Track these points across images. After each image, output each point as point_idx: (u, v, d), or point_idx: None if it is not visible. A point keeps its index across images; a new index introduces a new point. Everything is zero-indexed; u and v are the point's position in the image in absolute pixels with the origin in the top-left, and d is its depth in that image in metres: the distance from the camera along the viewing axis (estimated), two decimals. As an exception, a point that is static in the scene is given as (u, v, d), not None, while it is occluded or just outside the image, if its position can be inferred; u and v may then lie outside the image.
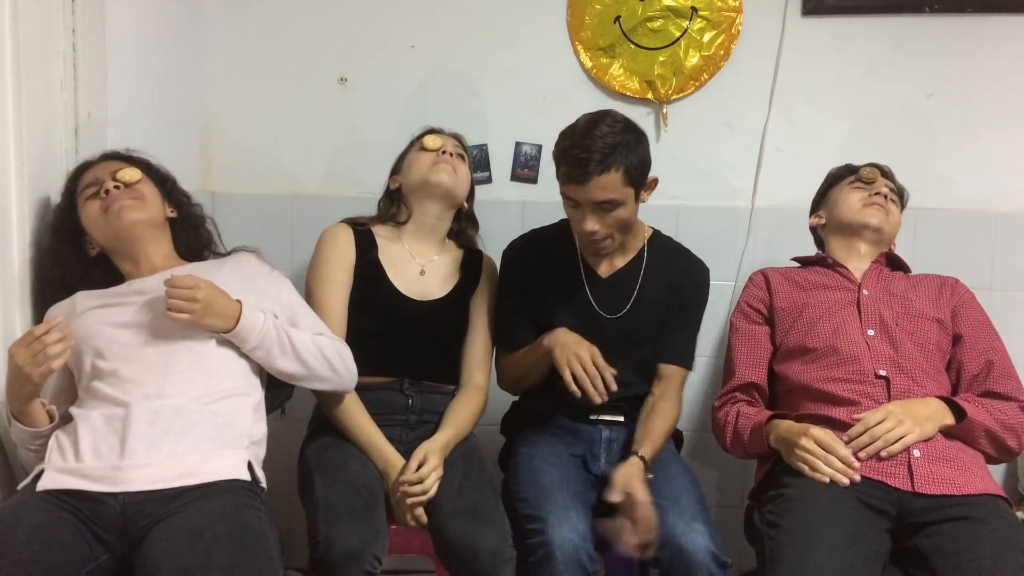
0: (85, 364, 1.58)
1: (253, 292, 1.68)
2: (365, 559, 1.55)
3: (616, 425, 1.88)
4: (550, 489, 1.69)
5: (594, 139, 1.68)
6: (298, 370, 1.67)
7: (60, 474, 1.46)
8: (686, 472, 1.81)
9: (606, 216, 1.74)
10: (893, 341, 1.80)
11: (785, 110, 2.36)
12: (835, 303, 1.87)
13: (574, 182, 1.70)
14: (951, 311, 1.88)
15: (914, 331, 1.82)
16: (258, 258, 1.81)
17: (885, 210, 1.95)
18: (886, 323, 1.82)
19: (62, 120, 1.81)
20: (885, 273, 1.95)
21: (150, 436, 1.48)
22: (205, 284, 1.57)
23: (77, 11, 1.83)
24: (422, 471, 1.71)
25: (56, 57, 1.79)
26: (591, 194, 1.70)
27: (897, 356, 1.78)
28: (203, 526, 1.39)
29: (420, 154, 1.95)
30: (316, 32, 2.38)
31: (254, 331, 1.62)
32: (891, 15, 2.33)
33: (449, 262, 1.98)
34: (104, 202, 1.66)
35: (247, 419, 1.60)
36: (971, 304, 1.90)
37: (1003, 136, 2.34)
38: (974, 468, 1.66)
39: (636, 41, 2.35)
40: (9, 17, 1.63)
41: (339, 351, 1.74)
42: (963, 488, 1.60)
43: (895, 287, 1.91)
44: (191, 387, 1.55)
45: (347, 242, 1.90)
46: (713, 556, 1.59)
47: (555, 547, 1.57)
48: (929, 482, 1.61)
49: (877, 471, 1.63)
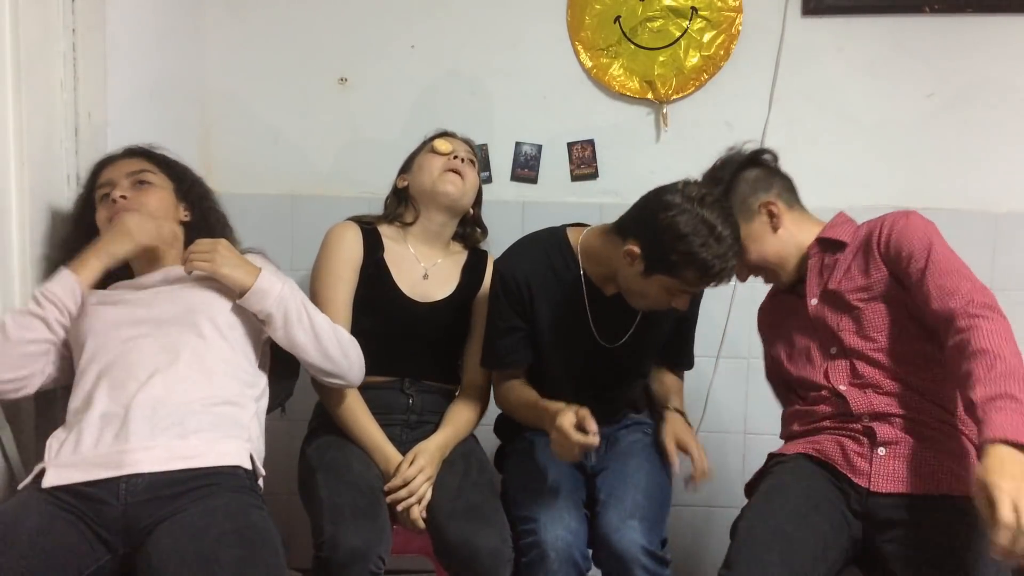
0: (85, 363, 1.58)
1: None
2: (370, 559, 1.55)
3: (607, 423, 1.88)
4: (542, 489, 1.70)
5: (734, 242, 1.60)
6: (312, 345, 1.67)
7: (63, 469, 1.45)
8: (645, 465, 1.76)
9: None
10: (847, 353, 1.67)
11: (785, 110, 2.37)
12: (794, 332, 1.77)
13: (714, 284, 1.63)
14: (886, 266, 1.66)
15: (862, 330, 1.65)
16: (264, 259, 1.80)
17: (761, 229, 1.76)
18: (834, 335, 1.69)
19: (62, 120, 1.81)
20: (826, 265, 1.73)
21: (153, 420, 1.49)
22: (224, 242, 1.63)
23: (77, 11, 1.83)
24: (408, 472, 1.72)
25: (56, 57, 1.79)
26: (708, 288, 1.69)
27: (852, 373, 1.65)
28: (208, 523, 1.39)
29: (431, 157, 1.93)
30: (316, 32, 2.38)
31: (272, 292, 1.62)
32: (891, 15, 2.33)
33: (453, 264, 1.98)
34: (110, 211, 1.67)
35: (247, 417, 1.60)
36: (896, 240, 1.64)
37: (1003, 136, 2.34)
38: (946, 466, 1.54)
39: (636, 41, 2.35)
40: (9, 17, 1.63)
41: (353, 342, 1.75)
42: (920, 488, 1.52)
43: (833, 281, 1.70)
44: (193, 388, 1.55)
45: (354, 241, 1.89)
46: (646, 552, 1.58)
47: (548, 547, 1.58)
48: (886, 480, 1.54)
49: (847, 466, 1.58)
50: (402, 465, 1.73)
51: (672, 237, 1.56)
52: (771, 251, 1.75)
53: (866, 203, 2.36)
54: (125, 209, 1.66)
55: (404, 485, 1.71)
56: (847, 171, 2.38)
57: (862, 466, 1.57)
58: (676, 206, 1.57)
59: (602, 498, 1.69)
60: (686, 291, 1.65)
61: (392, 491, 1.72)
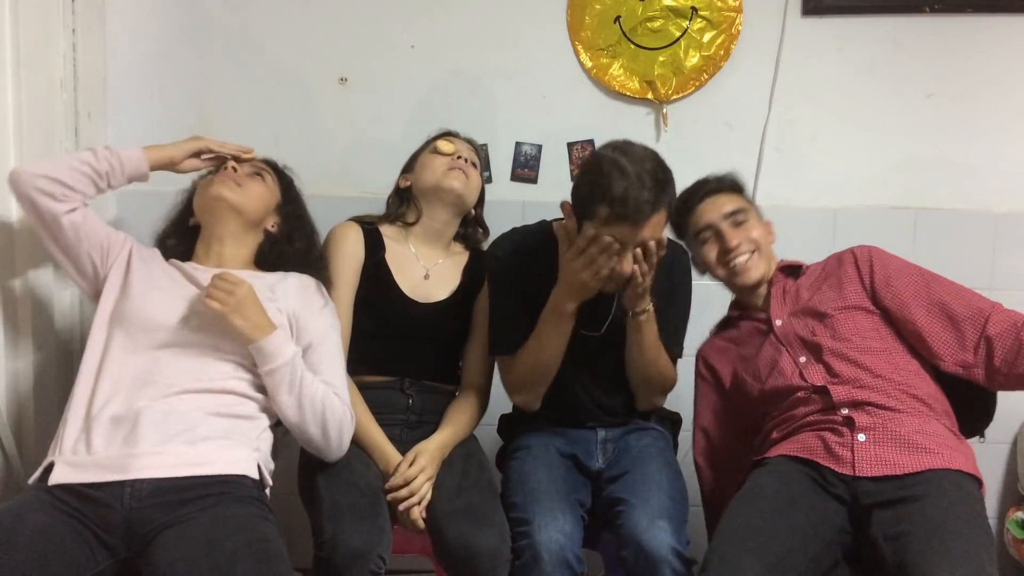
0: (110, 345, 1.58)
1: (299, 318, 1.70)
2: (370, 559, 1.55)
3: (611, 426, 1.89)
4: (538, 491, 1.69)
5: (643, 179, 1.58)
6: (293, 415, 1.63)
7: (72, 467, 1.46)
8: (664, 468, 1.77)
9: (640, 250, 1.66)
10: (821, 356, 1.72)
11: (785, 110, 2.37)
12: (760, 348, 1.82)
13: (629, 223, 1.60)
14: (869, 288, 1.76)
15: (836, 334, 1.73)
16: (317, 288, 1.79)
17: (747, 251, 1.83)
18: (807, 343, 1.75)
19: (62, 120, 1.81)
20: (788, 290, 1.85)
21: (163, 426, 1.49)
22: (248, 288, 1.59)
23: (77, 11, 1.83)
24: (409, 472, 1.71)
25: (56, 57, 1.79)
26: (642, 235, 1.62)
27: (828, 372, 1.71)
28: (221, 535, 1.39)
29: (434, 157, 1.94)
30: (316, 32, 2.38)
31: (280, 357, 1.59)
32: (891, 15, 2.33)
33: (454, 265, 1.98)
34: (217, 175, 1.74)
35: (256, 432, 1.61)
36: (882, 264, 1.77)
37: (1003, 136, 2.34)
38: (929, 447, 1.59)
39: (636, 41, 2.35)
40: (9, 17, 1.63)
41: (340, 421, 1.66)
42: (905, 467, 1.56)
43: (800, 301, 1.81)
44: (207, 401, 1.56)
45: (356, 241, 1.90)
46: (676, 552, 1.58)
47: (541, 548, 1.58)
48: (871, 464, 1.58)
49: (827, 458, 1.62)
50: (402, 465, 1.73)
51: (587, 178, 1.63)
52: (766, 242, 1.88)
53: (866, 203, 2.36)
54: (228, 178, 1.73)
55: (405, 485, 1.71)
56: (847, 171, 2.37)
57: (844, 454, 1.61)
58: (597, 153, 1.65)
59: (625, 498, 1.67)
60: (611, 238, 1.61)
61: (392, 490, 1.72)
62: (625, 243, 1.62)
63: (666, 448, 1.88)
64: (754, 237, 1.84)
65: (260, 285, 1.66)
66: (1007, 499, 2.35)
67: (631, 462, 1.79)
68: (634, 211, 1.57)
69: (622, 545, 1.63)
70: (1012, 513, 2.25)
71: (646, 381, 1.83)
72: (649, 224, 1.61)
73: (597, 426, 1.88)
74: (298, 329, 1.69)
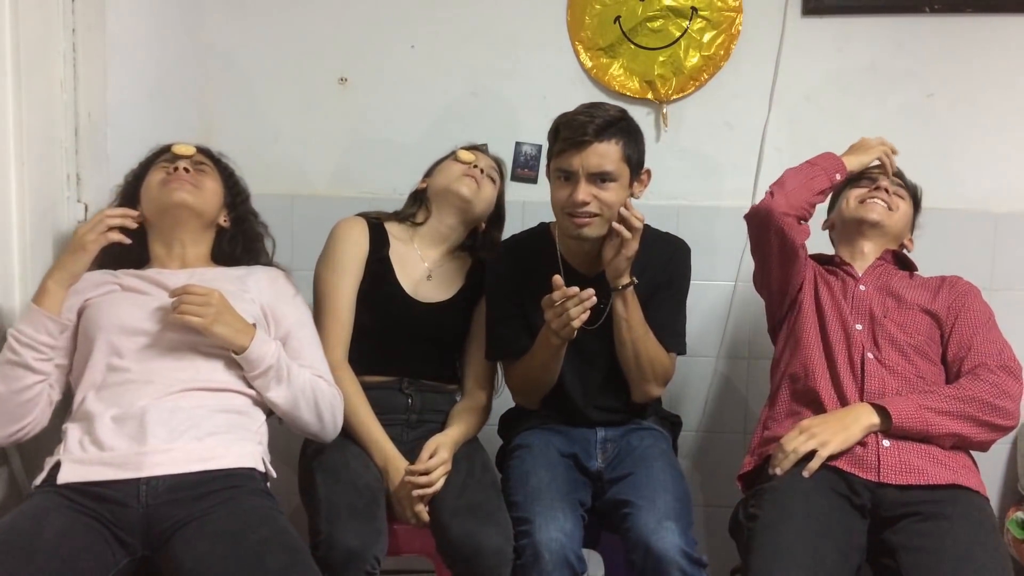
0: (97, 359, 1.57)
1: (274, 309, 1.71)
2: (366, 559, 1.56)
3: (611, 425, 1.89)
4: (538, 491, 1.70)
5: (596, 109, 1.73)
6: (287, 407, 1.65)
7: (79, 465, 1.46)
8: (668, 470, 1.78)
9: (598, 190, 1.71)
10: (875, 336, 1.80)
11: (785, 110, 2.37)
12: (829, 299, 1.87)
13: (573, 147, 1.70)
14: (948, 306, 1.85)
15: (903, 323, 1.81)
16: (286, 278, 1.81)
17: (888, 205, 1.92)
18: (875, 317, 1.82)
19: (62, 120, 1.81)
20: (888, 270, 1.93)
21: (170, 423, 1.50)
22: (219, 294, 1.58)
23: (77, 11, 1.83)
24: (431, 462, 1.72)
25: (56, 57, 1.79)
26: (588, 160, 1.69)
27: (878, 351, 1.78)
28: (244, 528, 1.40)
29: (452, 163, 1.96)
30: (316, 32, 2.38)
31: (265, 360, 1.61)
32: (891, 15, 2.33)
33: (457, 268, 1.99)
34: (169, 177, 1.70)
35: (255, 426, 1.62)
36: (968, 295, 1.87)
37: (1003, 136, 2.34)
38: (951, 458, 1.63)
39: (636, 41, 2.35)
40: (9, 17, 1.63)
41: (331, 403, 1.70)
42: (931, 478, 1.58)
43: (894, 284, 1.89)
44: (206, 397, 1.57)
45: (361, 236, 1.91)
46: (684, 554, 1.58)
47: (542, 547, 1.58)
48: (896, 472, 1.60)
49: (851, 464, 1.64)
50: (423, 455, 1.74)
51: (554, 125, 1.76)
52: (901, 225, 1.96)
53: (866, 203, 2.36)
54: (185, 181, 1.69)
55: (426, 473, 1.71)
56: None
57: (869, 460, 1.62)
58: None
59: (631, 500, 1.67)
60: (563, 169, 1.73)
61: (412, 475, 1.72)
62: (575, 171, 1.71)
63: (668, 449, 1.89)
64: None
65: (229, 278, 1.68)
66: (1007, 499, 2.35)
67: (634, 463, 1.79)
68: (577, 132, 1.69)
69: (630, 548, 1.63)
70: (1012, 513, 2.24)
71: (636, 363, 1.81)
72: (594, 150, 1.69)
73: (597, 425, 1.89)
74: (274, 319, 1.71)
